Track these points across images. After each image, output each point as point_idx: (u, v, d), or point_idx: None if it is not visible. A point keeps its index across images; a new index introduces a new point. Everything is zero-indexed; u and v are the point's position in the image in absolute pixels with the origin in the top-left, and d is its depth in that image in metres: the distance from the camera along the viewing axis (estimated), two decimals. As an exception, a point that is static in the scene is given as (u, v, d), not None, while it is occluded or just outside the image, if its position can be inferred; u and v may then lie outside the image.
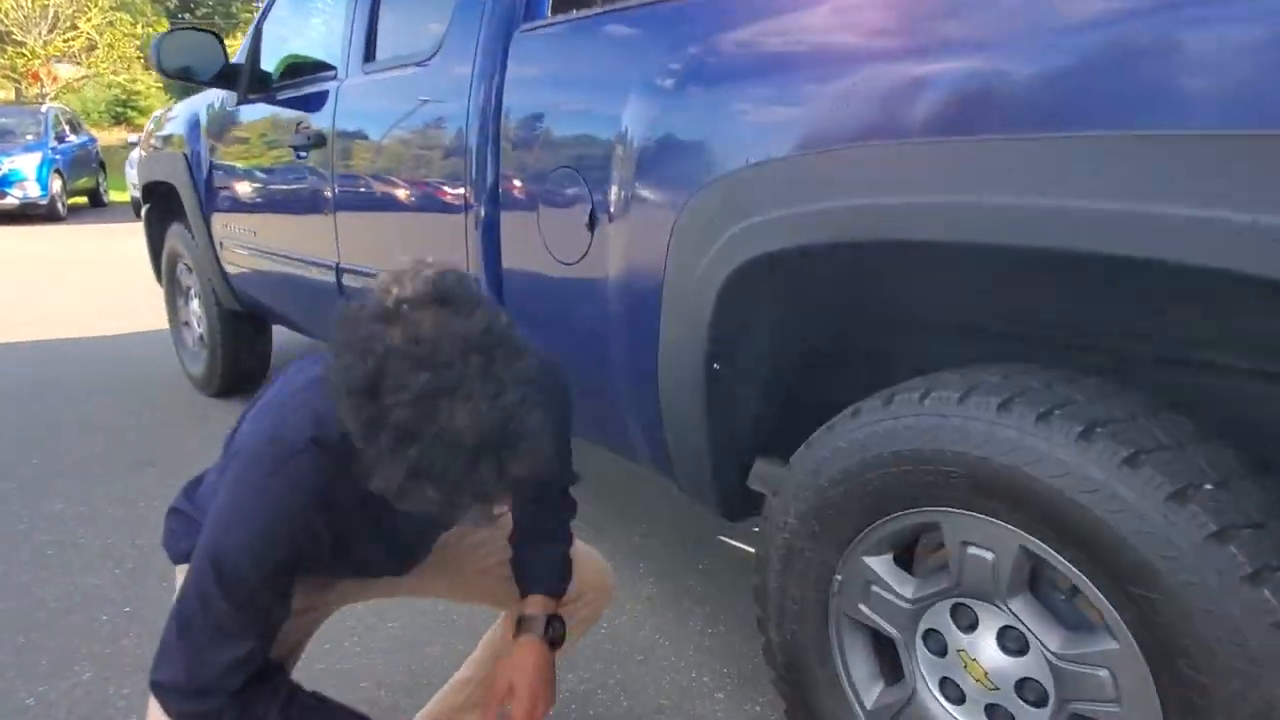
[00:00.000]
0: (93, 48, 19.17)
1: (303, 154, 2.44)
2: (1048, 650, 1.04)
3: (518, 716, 1.15)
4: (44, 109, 12.48)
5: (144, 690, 1.65)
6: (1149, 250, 0.85)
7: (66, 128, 12.27)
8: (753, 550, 1.20)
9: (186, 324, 3.77)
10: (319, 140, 2.33)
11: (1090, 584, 0.97)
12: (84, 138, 12.88)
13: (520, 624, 1.22)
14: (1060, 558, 0.99)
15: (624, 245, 1.43)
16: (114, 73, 19.59)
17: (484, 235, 1.80)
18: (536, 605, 1.23)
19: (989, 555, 1.07)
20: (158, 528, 2.29)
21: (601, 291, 1.50)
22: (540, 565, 1.26)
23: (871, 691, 1.27)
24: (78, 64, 19.48)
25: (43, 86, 18.27)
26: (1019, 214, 0.93)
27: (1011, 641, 1.10)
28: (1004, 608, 1.08)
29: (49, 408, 3.48)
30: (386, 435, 0.74)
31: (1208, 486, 0.91)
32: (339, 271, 2.34)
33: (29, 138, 11.17)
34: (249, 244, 2.94)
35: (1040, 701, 1.08)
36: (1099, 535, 0.94)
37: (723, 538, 2.36)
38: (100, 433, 3.18)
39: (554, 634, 1.22)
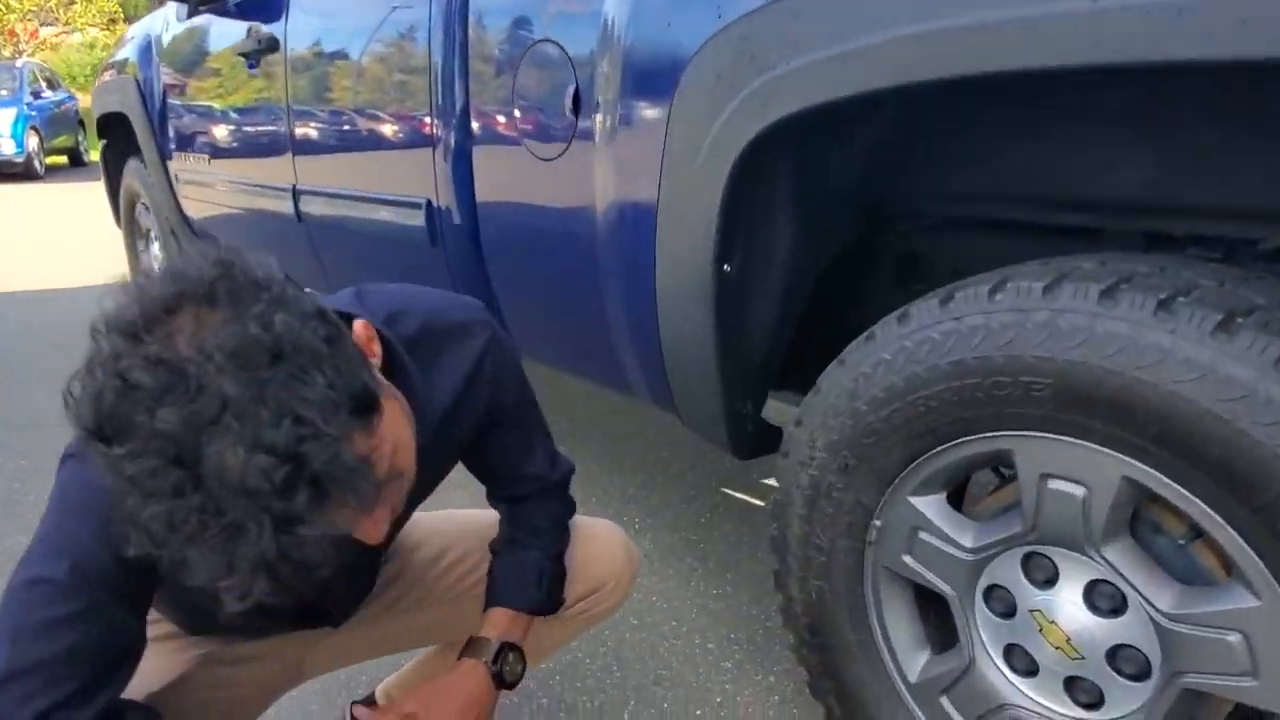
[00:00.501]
0: (72, 2, 18.58)
1: (253, 64, 2.17)
2: (1155, 610, 0.82)
3: None
4: (19, 64, 12.07)
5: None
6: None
7: (44, 84, 11.87)
8: (760, 503, 0.98)
9: (148, 272, 3.52)
10: (271, 44, 2.06)
11: (1224, 523, 0.74)
12: (62, 94, 12.47)
13: (468, 645, 0.96)
14: (1182, 490, 0.76)
15: (614, 126, 1.18)
16: (100, 27, 19.02)
17: (453, 162, 1.55)
18: (495, 625, 0.97)
19: (1079, 491, 0.84)
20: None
21: (588, 188, 1.25)
22: (511, 572, 0.99)
23: (916, 660, 1.05)
24: (56, 20, 18.92)
25: (19, 44, 17.74)
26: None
27: (1104, 599, 0.87)
28: (1096, 557, 0.85)
29: (3, 360, 3.26)
30: (128, 493, 0.53)
31: (1393, 390, 0.67)
32: (295, 195, 2.09)
33: (3, 93, 10.76)
34: (206, 177, 2.68)
35: (1141, 674, 0.85)
36: (1242, 457, 0.70)
37: (726, 490, 2.14)
38: (54, 383, 2.93)
39: (505, 668, 0.95)
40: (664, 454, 2.35)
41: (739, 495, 2.12)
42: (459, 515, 1.11)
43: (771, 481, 1.14)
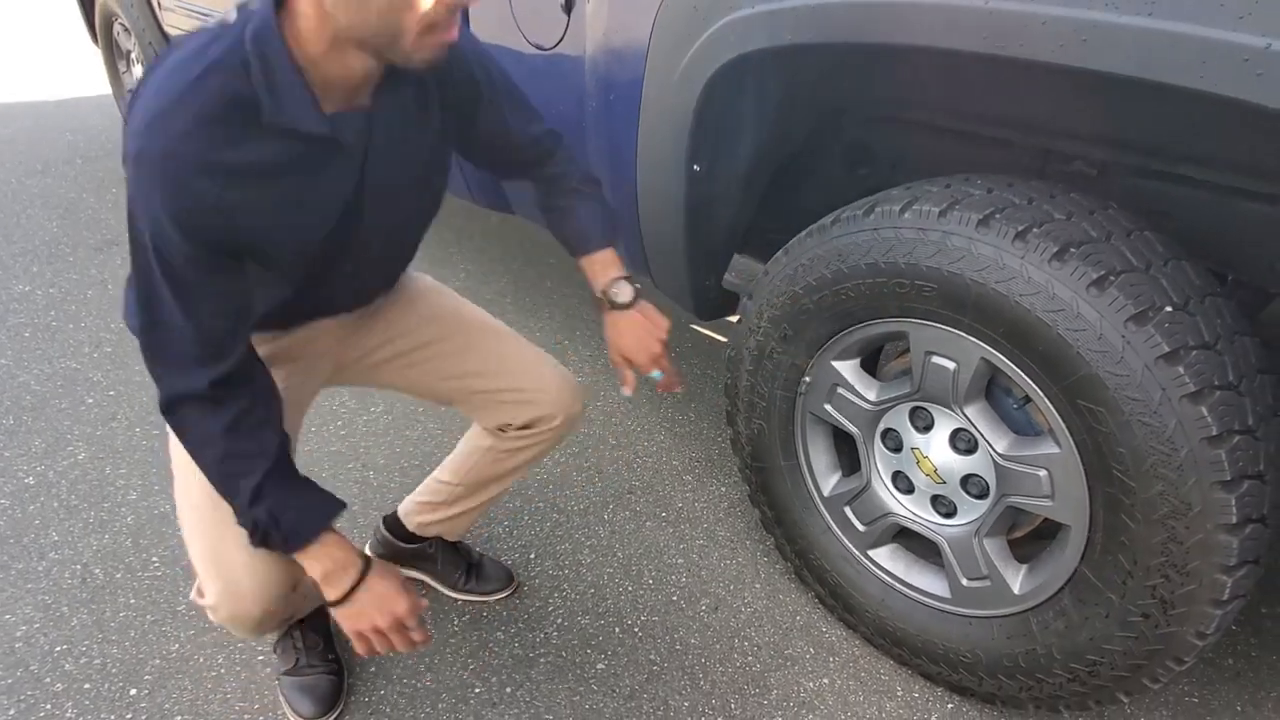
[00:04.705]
0: None
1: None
2: (995, 451, 1.12)
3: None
4: None
5: (140, 471, 1.75)
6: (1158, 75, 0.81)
7: None
8: (724, 340, 1.22)
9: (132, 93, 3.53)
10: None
11: (1043, 395, 1.03)
12: None
13: (609, 288, 1.18)
14: (1018, 370, 1.04)
15: (602, 35, 1.33)
16: None
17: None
18: (610, 263, 1.19)
19: (951, 365, 1.12)
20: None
21: (578, 82, 1.42)
22: (594, 218, 1.19)
23: (829, 481, 1.37)
24: None
25: None
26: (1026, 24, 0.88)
27: (962, 442, 1.18)
28: (959, 412, 1.15)
29: (1, 181, 3.34)
30: None
31: (1167, 309, 0.94)
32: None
33: None
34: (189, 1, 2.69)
35: (981, 495, 1.18)
36: (1058, 353, 0.98)
37: (696, 326, 2.42)
38: (58, 210, 3.08)
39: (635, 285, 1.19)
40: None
41: (706, 332, 2.40)
42: (475, 311, 1.30)
43: (735, 319, 1.39)
